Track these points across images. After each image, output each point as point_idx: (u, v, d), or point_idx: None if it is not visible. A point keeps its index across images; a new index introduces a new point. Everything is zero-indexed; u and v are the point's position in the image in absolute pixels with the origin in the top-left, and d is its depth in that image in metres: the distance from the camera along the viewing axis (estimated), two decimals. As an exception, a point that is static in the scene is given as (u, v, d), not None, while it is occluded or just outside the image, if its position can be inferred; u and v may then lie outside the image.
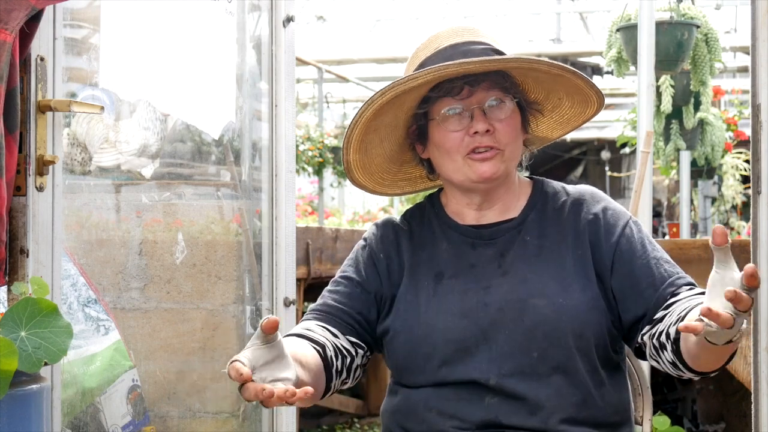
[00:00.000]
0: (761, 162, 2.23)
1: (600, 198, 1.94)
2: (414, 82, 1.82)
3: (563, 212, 1.91)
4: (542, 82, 1.91)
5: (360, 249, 1.98)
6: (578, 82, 1.88)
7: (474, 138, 1.84)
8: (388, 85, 1.83)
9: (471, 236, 1.91)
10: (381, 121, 1.91)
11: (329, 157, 9.51)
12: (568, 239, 1.87)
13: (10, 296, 1.63)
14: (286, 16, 2.63)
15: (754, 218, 2.25)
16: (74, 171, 2.17)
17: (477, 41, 1.89)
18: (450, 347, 1.82)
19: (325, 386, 1.84)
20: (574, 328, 1.79)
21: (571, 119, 1.99)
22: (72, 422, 2.07)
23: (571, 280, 1.83)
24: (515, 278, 1.84)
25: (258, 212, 2.69)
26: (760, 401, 2.28)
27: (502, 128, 1.85)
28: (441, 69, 1.80)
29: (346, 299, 1.92)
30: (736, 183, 7.46)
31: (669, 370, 1.83)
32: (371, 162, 1.99)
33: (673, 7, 5.01)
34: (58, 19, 1.73)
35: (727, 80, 10.79)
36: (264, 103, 2.66)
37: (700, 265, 3.39)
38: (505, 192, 1.92)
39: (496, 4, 11.13)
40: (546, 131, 2.02)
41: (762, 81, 2.21)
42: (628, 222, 1.90)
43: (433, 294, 1.87)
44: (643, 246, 1.87)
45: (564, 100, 1.95)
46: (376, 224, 2.01)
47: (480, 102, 1.84)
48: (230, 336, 2.68)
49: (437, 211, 1.97)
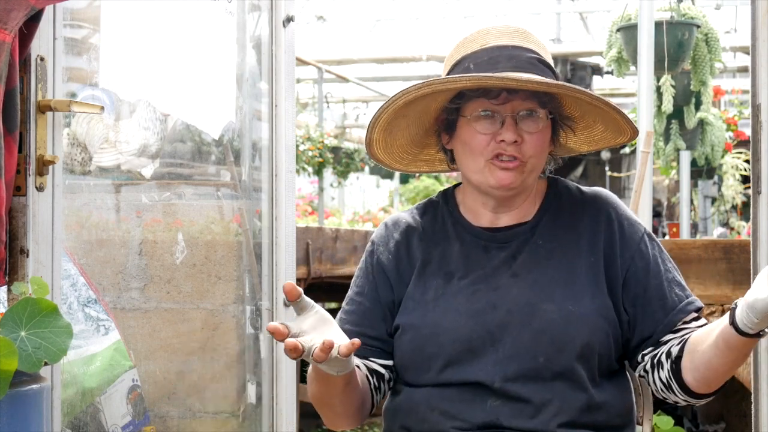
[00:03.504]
0: (761, 162, 2.22)
1: (615, 204, 1.92)
2: (452, 85, 1.79)
3: (578, 216, 1.89)
4: (581, 104, 1.87)
5: (368, 256, 1.96)
6: (616, 117, 1.85)
7: (500, 145, 1.81)
8: (425, 82, 1.81)
9: (484, 239, 1.90)
10: (411, 109, 1.89)
11: (329, 157, 9.52)
12: (582, 244, 1.86)
13: (10, 296, 1.63)
14: (286, 16, 2.62)
15: (754, 218, 2.25)
16: (74, 171, 2.17)
17: (525, 47, 1.85)
18: (456, 347, 1.81)
19: (371, 401, 1.90)
20: (582, 336, 1.79)
21: (601, 141, 1.96)
22: (72, 422, 2.07)
23: (582, 287, 1.82)
24: (525, 282, 1.83)
25: (258, 212, 2.69)
26: (760, 401, 2.28)
27: (531, 141, 1.82)
28: (482, 79, 1.77)
29: (361, 319, 1.91)
30: (736, 183, 7.45)
31: (657, 390, 1.83)
32: (394, 142, 1.97)
33: (673, 7, 5.01)
34: (58, 19, 1.73)
35: (727, 80, 10.80)
36: (264, 103, 2.65)
37: (700, 265, 3.40)
38: (522, 200, 1.91)
39: (496, 4, 11.13)
40: (574, 144, 1.99)
41: (762, 81, 2.21)
42: (643, 236, 1.88)
43: (442, 293, 1.86)
44: (656, 264, 1.86)
45: (598, 123, 1.92)
46: (385, 224, 1.99)
47: (514, 110, 1.81)
48: (230, 336, 2.68)
49: (451, 209, 1.95)
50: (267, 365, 2.61)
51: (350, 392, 1.81)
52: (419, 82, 1.82)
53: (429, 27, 11.59)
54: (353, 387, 1.81)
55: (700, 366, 1.73)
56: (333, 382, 1.76)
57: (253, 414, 2.65)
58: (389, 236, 1.95)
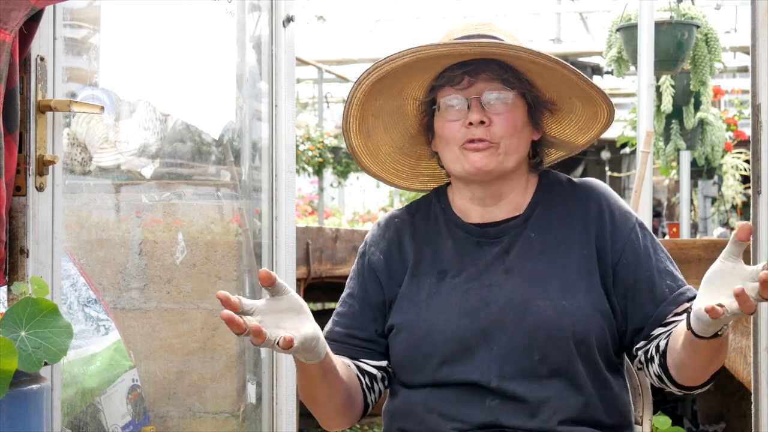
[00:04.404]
0: (761, 162, 2.22)
1: (607, 194, 1.90)
2: (392, 64, 1.80)
3: (569, 207, 1.88)
4: (550, 82, 1.86)
5: (360, 258, 1.96)
6: (584, 87, 1.84)
7: (469, 129, 1.81)
8: (372, 65, 1.82)
9: (476, 235, 1.89)
10: (380, 107, 1.89)
11: (329, 157, 9.52)
12: (574, 237, 1.85)
13: (10, 296, 1.63)
14: (286, 16, 2.62)
15: (754, 218, 2.25)
16: (74, 171, 2.17)
17: (488, 35, 1.86)
18: (450, 346, 1.81)
19: (364, 400, 1.89)
20: (576, 331, 1.78)
21: (587, 124, 1.94)
22: (72, 422, 2.07)
23: (575, 281, 1.81)
24: (518, 277, 1.83)
25: (258, 212, 2.69)
26: (760, 401, 2.28)
27: (499, 121, 1.81)
28: (416, 51, 1.77)
29: (351, 321, 1.91)
30: (736, 183, 7.46)
31: (654, 382, 1.83)
32: (378, 150, 1.97)
33: (673, 7, 5.01)
34: (58, 19, 1.73)
35: (727, 80, 10.79)
36: (264, 103, 2.65)
37: (700, 265, 3.40)
38: (510, 189, 1.89)
39: (496, 4, 11.12)
40: (571, 136, 1.97)
41: (762, 81, 2.21)
42: (634, 226, 1.87)
43: (435, 292, 1.85)
44: (647, 255, 1.84)
45: (576, 103, 1.91)
46: (378, 224, 1.98)
47: (479, 92, 1.81)
48: (230, 336, 2.68)
49: (444, 206, 1.94)
50: (267, 365, 2.61)
51: (330, 384, 1.80)
52: (367, 69, 1.82)
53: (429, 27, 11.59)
54: (332, 379, 1.79)
55: (679, 364, 1.73)
56: (308, 371, 1.75)
57: (253, 414, 2.65)
58: (381, 236, 1.95)
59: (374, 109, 1.90)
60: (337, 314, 1.94)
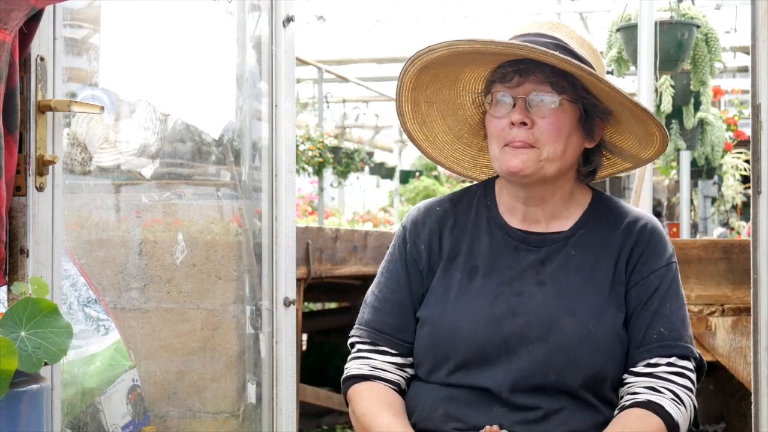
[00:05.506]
0: (761, 162, 2.22)
1: (652, 230, 1.87)
2: (431, 55, 1.80)
3: (615, 235, 1.85)
4: (605, 94, 1.81)
5: (401, 243, 1.93)
6: (631, 106, 1.79)
7: (511, 130, 1.79)
8: (416, 53, 1.81)
9: (516, 239, 1.87)
10: (432, 95, 1.89)
11: (329, 157, 9.51)
12: (612, 264, 1.83)
13: (10, 296, 1.63)
14: (286, 16, 2.62)
15: (754, 218, 2.25)
16: (74, 171, 2.17)
17: (550, 35, 1.83)
18: (470, 352, 1.80)
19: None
20: (597, 358, 1.78)
21: (645, 138, 1.88)
22: (72, 422, 2.07)
23: (605, 307, 1.80)
24: (551, 290, 1.81)
25: (258, 212, 2.69)
26: (760, 401, 2.27)
27: (543, 125, 1.78)
28: (453, 45, 1.77)
29: (397, 315, 1.90)
30: (736, 183, 7.46)
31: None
32: (435, 137, 1.96)
33: (673, 7, 5.01)
34: (58, 19, 1.73)
35: (727, 80, 10.79)
36: (264, 103, 2.65)
37: (700, 265, 3.40)
38: (552, 195, 1.86)
39: (496, 4, 11.12)
40: (633, 148, 1.92)
41: (762, 81, 2.21)
42: (661, 268, 1.84)
43: (464, 291, 1.84)
44: (657, 298, 1.83)
45: (629, 116, 1.85)
46: (418, 209, 1.96)
47: (526, 93, 1.79)
48: (230, 336, 2.68)
49: (489, 202, 1.92)
50: (267, 365, 2.61)
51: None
52: (416, 52, 1.82)
53: (429, 27, 11.58)
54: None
55: None
56: None
57: (253, 414, 2.65)
58: (422, 224, 1.92)
59: (427, 96, 1.89)
60: (380, 302, 1.91)
